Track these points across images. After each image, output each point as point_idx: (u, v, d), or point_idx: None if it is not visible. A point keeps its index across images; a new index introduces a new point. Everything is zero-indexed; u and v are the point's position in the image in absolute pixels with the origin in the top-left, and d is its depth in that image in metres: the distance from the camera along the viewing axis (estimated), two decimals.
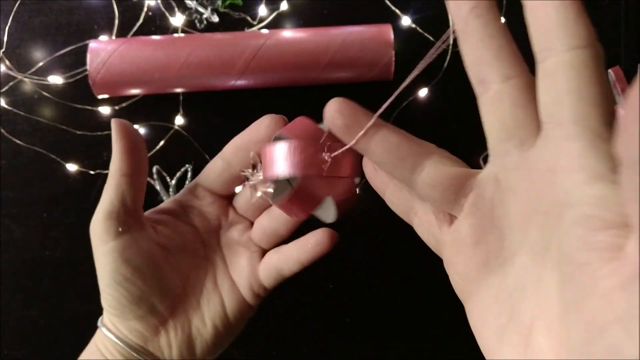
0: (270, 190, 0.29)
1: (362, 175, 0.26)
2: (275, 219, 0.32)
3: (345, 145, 0.23)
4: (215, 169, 0.32)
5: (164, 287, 0.31)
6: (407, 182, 0.22)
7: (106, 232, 0.29)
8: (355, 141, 0.22)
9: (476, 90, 0.20)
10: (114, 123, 0.29)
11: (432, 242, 0.24)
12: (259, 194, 0.30)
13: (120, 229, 0.29)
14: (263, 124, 0.30)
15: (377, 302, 0.48)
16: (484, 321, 0.21)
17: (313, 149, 0.25)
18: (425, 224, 0.24)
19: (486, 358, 0.21)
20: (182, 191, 0.34)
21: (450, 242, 0.22)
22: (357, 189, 0.28)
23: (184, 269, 0.32)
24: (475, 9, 0.19)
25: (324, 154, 0.25)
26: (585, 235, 0.16)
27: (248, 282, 0.33)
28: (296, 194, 0.26)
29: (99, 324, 0.32)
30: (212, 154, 0.46)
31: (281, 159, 0.25)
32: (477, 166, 0.48)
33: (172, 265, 0.31)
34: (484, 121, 0.20)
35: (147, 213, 0.32)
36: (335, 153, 0.25)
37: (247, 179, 0.31)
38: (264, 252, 0.34)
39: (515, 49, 0.20)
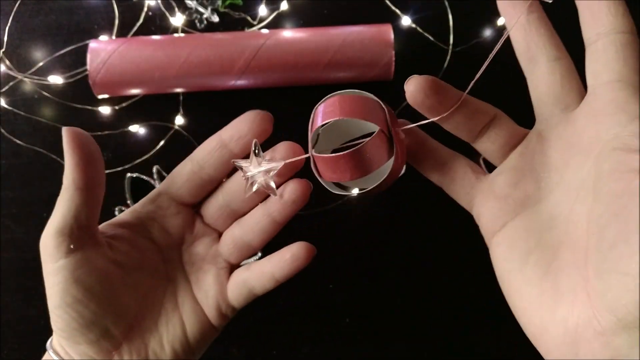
0: (272, 184, 0.28)
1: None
2: (248, 230, 0.30)
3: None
4: (184, 173, 0.30)
5: (119, 309, 0.28)
6: (471, 138, 0.26)
7: (57, 249, 0.26)
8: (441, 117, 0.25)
9: (525, 67, 0.25)
10: (65, 132, 0.27)
11: (462, 191, 0.27)
12: (256, 187, 0.28)
13: (72, 246, 0.26)
14: (247, 120, 0.29)
15: (377, 302, 0.48)
16: (512, 247, 0.24)
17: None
18: (460, 177, 0.27)
19: (504, 283, 0.24)
20: (141, 201, 0.31)
21: (489, 187, 0.26)
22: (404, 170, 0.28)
23: (141, 288, 0.30)
24: (530, 7, 0.24)
25: (401, 128, 0.27)
26: (623, 157, 0.20)
27: (215, 302, 0.31)
28: (361, 150, 0.25)
29: (47, 346, 0.29)
30: None
31: (364, 108, 0.25)
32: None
33: (128, 285, 0.29)
34: (533, 90, 0.25)
35: (101, 227, 0.30)
36: (411, 126, 0.27)
37: (241, 169, 0.28)
38: (231, 269, 0.31)
39: (559, 39, 0.25)
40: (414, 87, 0.24)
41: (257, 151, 0.28)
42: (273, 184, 0.28)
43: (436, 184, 0.29)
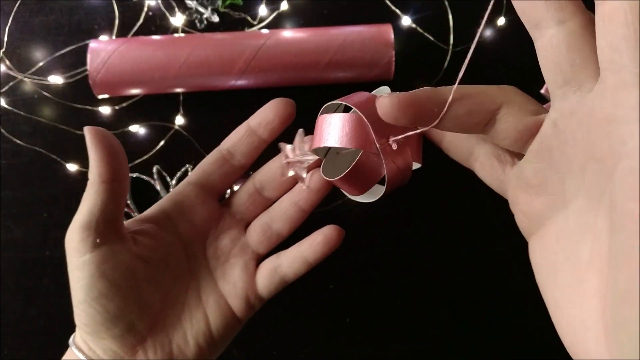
0: (304, 174, 0.30)
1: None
2: (277, 218, 0.31)
3: (408, 130, 0.24)
4: (214, 162, 0.31)
5: (143, 303, 0.29)
6: (478, 133, 0.23)
7: (83, 244, 0.27)
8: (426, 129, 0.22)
9: (532, 35, 0.20)
10: (87, 130, 0.27)
11: (495, 183, 0.24)
12: (291, 173, 0.30)
13: (97, 240, 0.27)
14: (272, 107, 0.30)
15: (377, 302, 0.48)
16: (543, 258, 0.22)
17: (379, 127, 0.24)
18: (487, 167, 0.24)
19: (540, 284, 0.22)
20: (168, 195, 0.32)
21: (515, 183, 0.23)
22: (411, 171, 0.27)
23: (165, 283, 0.30)
24: None
25: (390, 139, 0.24)
26: (636, 186, 0.16)
27: (244, 294, 0.31)
28: (353, 172, 0.25)
29: (70, 342, 0.29)
30: (217, 146, 0.46)
31: (342, 132, 0.24)
32: None
33: (152, 280, 0.29)
34: (542, 67, 0.20)
35: (127, 222, 0.30)
36: (399, 138, 0.24)
37: (285, 153, 0.30)
38: (259, 260, 0.32)
39: None
40: (383, 111, 0.21)
41: (299, 140, 0.30)
42: (304, 174, 0.30)
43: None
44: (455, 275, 0.47)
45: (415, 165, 0.27)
